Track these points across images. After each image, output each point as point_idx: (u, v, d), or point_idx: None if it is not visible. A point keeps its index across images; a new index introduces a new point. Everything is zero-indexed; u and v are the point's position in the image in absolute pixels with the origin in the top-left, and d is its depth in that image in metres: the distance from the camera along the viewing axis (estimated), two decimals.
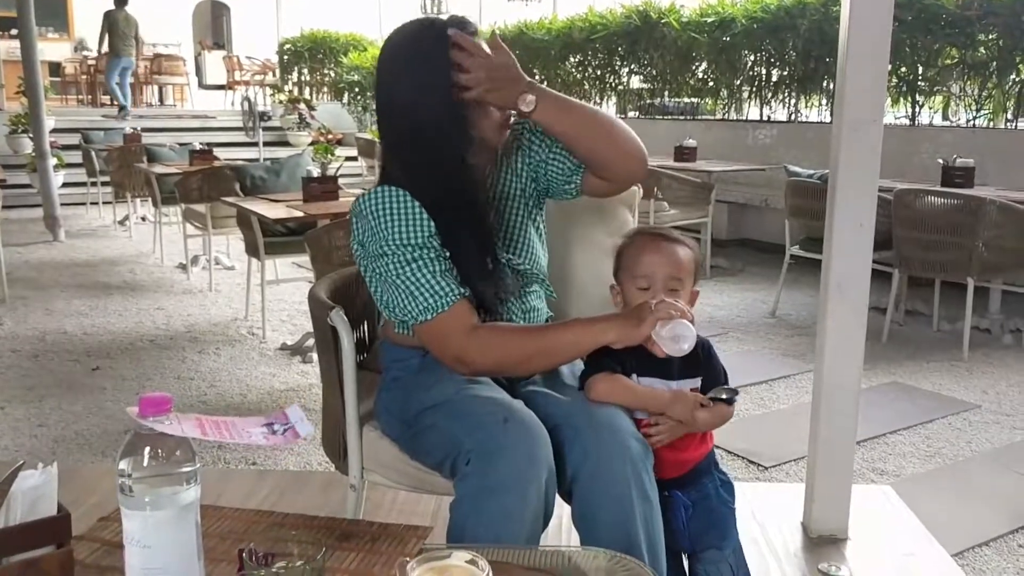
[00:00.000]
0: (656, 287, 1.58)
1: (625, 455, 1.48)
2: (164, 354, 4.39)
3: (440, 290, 1.55)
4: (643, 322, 1.48)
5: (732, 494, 1.69)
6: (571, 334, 1.56)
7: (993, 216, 4.28)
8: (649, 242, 1.63)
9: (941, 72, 6.56)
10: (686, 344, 1.46)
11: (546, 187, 1.77)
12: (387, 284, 1.58)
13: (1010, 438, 3.36)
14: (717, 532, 1.65)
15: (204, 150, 6.90)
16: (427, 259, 1.56)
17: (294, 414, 1.17)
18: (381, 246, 1.57)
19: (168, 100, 15.72)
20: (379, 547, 1.33)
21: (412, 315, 1.57)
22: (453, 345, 1.56)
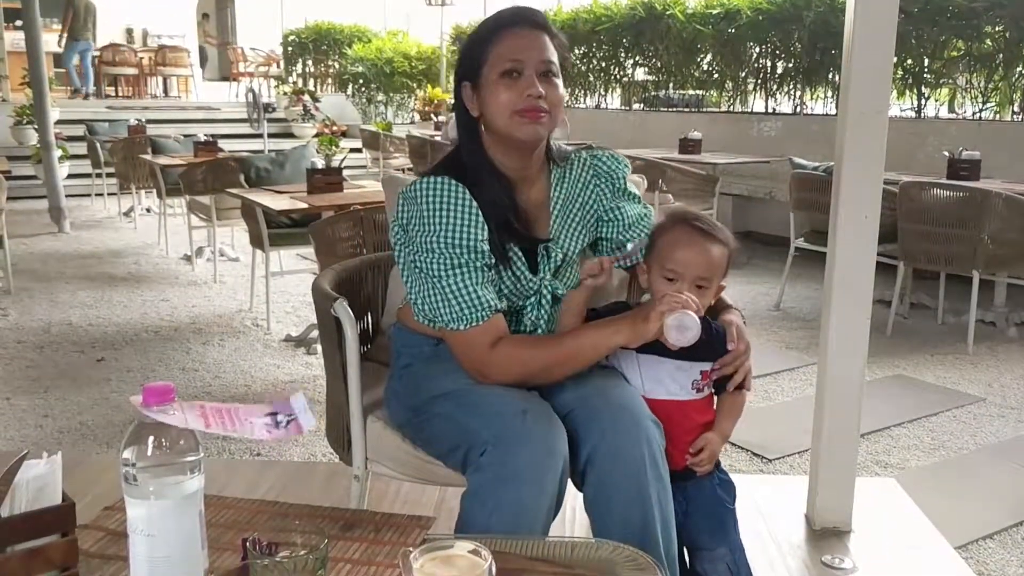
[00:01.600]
0: (683, 283, 1.57)
1: (641, 436, 1.49)
2: (169, 345, 4.40)
3: (478, 303, 1.54)
4: (650, 319, 1.48)
5: (732, 494, 1.68)
6: (586, 340, 1.55)
7: (999, 209, 4.26)
8: (686, 236, 1.60)
9: (947, 64, 6.53)
10: (690, 334, 1.46)
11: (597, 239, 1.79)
12: (425, 281, 1.57)
13: (1015, 431, 3.35)
14: (713, 532, 1.64)
15: (208, 142, 6.90)
16: (473, 266, 1.55)
17: (298, 403, 1.17)
18: (430, 241, 1.55)
19: (172, 92, 15.72)
20: (382, 537, 1.33)
21: (444, 320, 1.56)
22: (476, 358, 1.56)
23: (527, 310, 1.66)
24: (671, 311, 1.46)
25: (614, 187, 1.76)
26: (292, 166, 5.30)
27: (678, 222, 1.63)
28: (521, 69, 1.56)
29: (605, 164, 1.76)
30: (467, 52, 1.63)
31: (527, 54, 1.57)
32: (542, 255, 1.66)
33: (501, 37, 1.58)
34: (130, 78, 14.98)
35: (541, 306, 1.66)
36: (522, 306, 1.66)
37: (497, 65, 1.57)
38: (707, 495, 1.63)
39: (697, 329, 1.46)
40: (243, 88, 13.83)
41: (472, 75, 1.61)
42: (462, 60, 1.64)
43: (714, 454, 1.61)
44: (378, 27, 14.86)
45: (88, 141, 9.08)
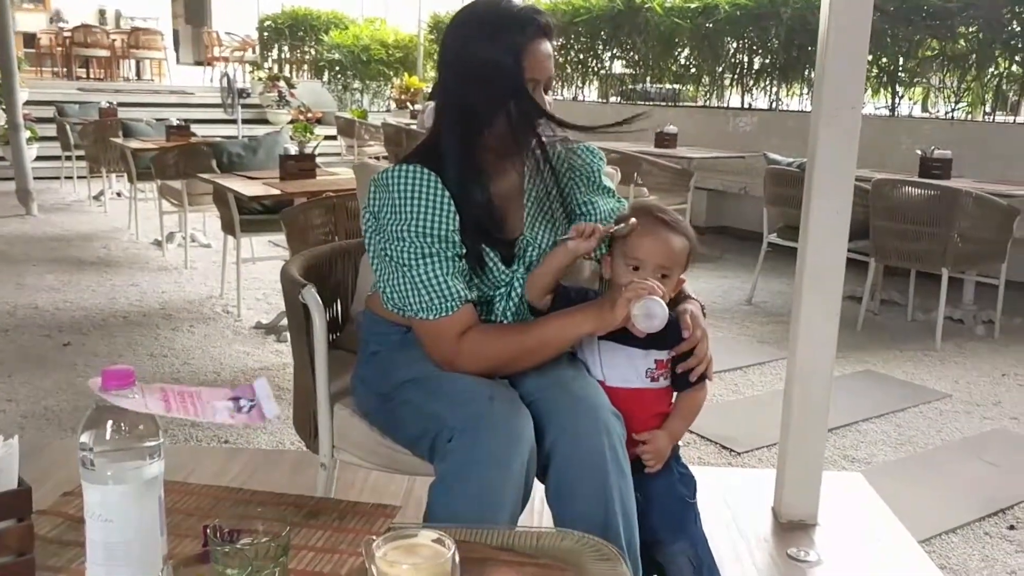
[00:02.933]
0: (645, 271, 1.57)
1: (602, 429, 1.49)
2: (137, 331, 4.35)
3: (448, 293, 1.53)
4: (617, 306, 1.48)
5: (692, 488, 1.67)
6: (554, 330, 1.55)
7: (969, 208, 4.31)
8: (649, 226, 1.60)
9: (921, 63, 6.59)
10: (656, 320, 1.46)
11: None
12: (395, 270, 1.55)
13: (979, 427, 3.40)
14: (673, 527, 1.63)
15: (181, 126, 6.82)
16: (444, 256, 1.53)
17: (261, 390, 1.15)
18: (401, 229, 1.53)
19: (146, 75, 15.53)
20: (347, 525, 1.32)
21: (413, 309, 1.55)
22: (445, 348, 1.55)
23: (496, 300, 1.65)
24: (637, 298, 1.46)
25: (589, 181, 1.75)
26: (265, 152, 5.25)
27: (641, 213, 1.63)
28: (535, 87, 1.56)
29: (581, 158, 1.75)
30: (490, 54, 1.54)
31: (545, 70, 1.57)
32: (519, 248, 1.65)
33: (528, 48, 1.55)
34: (102, 60, 14.79)
35: (511, 298, 1.65)
36: (492, 296, 1.65)
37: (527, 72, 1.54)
38: (666, 490, 1.62)
39: (664, 315, 1.46)
40: (218, 73, 13.70)
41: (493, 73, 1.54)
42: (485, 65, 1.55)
43: (660, 452, 1.59)
44: (355, 14, 14.75)
45: (58, 123, 8.95)
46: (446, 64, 1.62)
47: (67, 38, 14.33)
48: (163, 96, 12.67)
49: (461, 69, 1.58)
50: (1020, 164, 5.54)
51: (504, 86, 1.54)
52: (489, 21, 1.57)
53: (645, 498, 1.59)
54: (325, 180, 4.37)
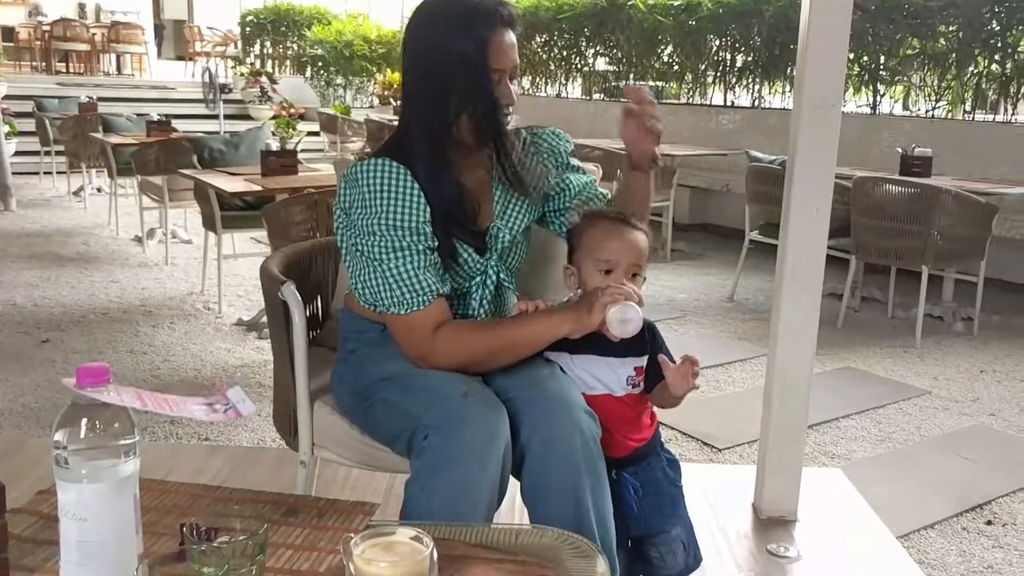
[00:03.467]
0: (619, 272, 1.58)
1: (575, 427, 1.49)
2: (117, 327, 4.32)
3: (419, 287, 1.53)
4: (594, 309, 1.48)
5: (678, 472, 1.70)
6: (530, 330, 1.55)
7: (948, 206, 4.34)
8: (613, 228, 1.61)
9: (902, 62, 6.62)
10: (632, 326, 1.47)
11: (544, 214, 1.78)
12: (367, 265, 1.55)
13: (958, 424, 3.42)
14: (667, 512, 1.66)
15: (162, 121, 6.77)
16: (415, 249, 1.53)
17: (235, 395, 1.14)
18: (371, 223, 1.53)
19: (126, 69, 15.40)
20: (325, 523, 1.32)
21: (385, 304, 1.55)
22: (418, 343, 1.55)
23: (473, 290, 1.65)
24: (614, 303, 1.46)
25: (557, 162, 1.77)
26: (247, 148, 5.23)
27: (599, 217, 1.64)
28: (500, 77, 1.57)
29: (547, 141, 1.76)
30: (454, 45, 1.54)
31: (509, 60, 1.57)
32: (490, 237, 1.66)
33: (491, 39, 1.55)
34: (82, 54, 14.64)
35: (486, 286, 1.66)
36: (468, 287, 1.65)
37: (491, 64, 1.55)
38: (656, 477, 1.65)
39: (639, 321, 1.46)
40: (199, 68, 13.61)
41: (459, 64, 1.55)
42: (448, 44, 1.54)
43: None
44: (338, 9, 14.68)
45: (37, 118, 8.86)
46: (411, 57, 1.61)
47: (46, 32, 14.18)
48: (144, 91, 12.56)
49: (426, 62, 1.58)
50: (999, 162, 5.58)
51: (470, 77, 1.54)
52: (453, 13, 1.57)
53: (643, 485, 1.61)
54: (307, 176, 4.35)
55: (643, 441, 1.64)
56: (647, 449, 1.65)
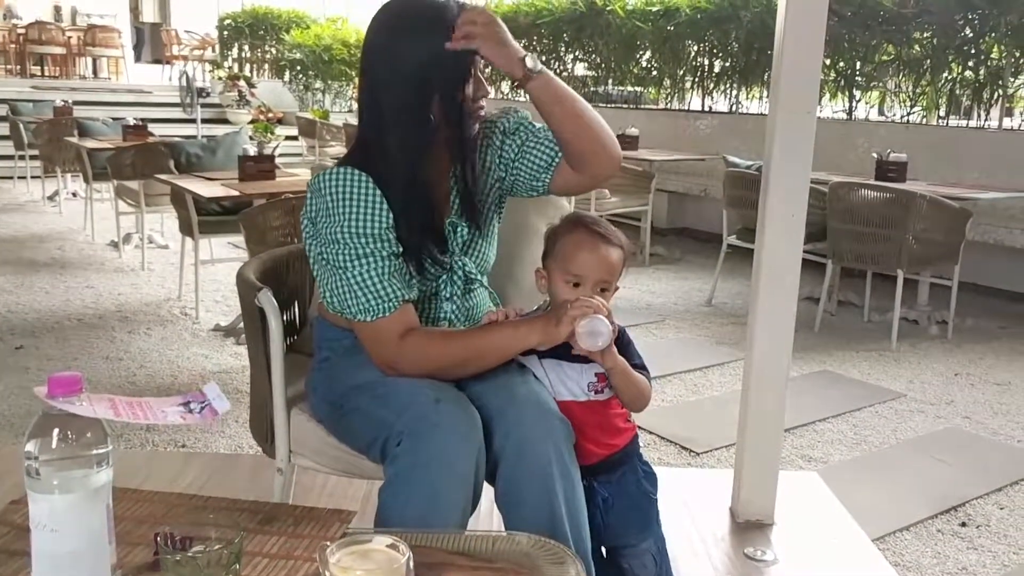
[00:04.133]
0: (586, 287, 1.57)
1: (548, 433, 1.50)
2: (92, 333, 4.28)
3: (384, 293, 1.53)
4: (562, 322, 1.48)
5: (655, 485, 1.69)
6: (499, 339, 1.55)
7: (923, 210, 4.38)
8: (587, 240, 1.59)
9: (878, 68, 6.69)
10: (601, 340, 1.47)
11: (512, 184, 1.73)
12: (332, 273, 1.55)
13: (932, 426, 3.45)
14: (638, 525, 1.65)
15: (138, 125, 6.72)
16: (379, 256, 1.53)
17: (211, 391, 1.14)
18: (335, 232, 1.53)
19: (103, 73, 15.28)
20: (302, 531, 1.31)
21: (352, 311, 1.55)
22: (385, 349, 1.55)
23: (442, 287, 1.65)
24: (583, 316, 1.46)
25: (514, 137, 1.71)
26: (224, 152, 5.20)
27: (576, 226, 1.62)
28: (476, 70, 1.58)
29: (497, 123, 1.72)
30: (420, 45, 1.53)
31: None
32: (449, 232, 1.65)
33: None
34: (57, 57, 14.51)
35: (454, 283, 1.66)
36: (436, 287, 1.65)
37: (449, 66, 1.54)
38: (632, 488, 1.64)
39: (608, 335, 1.47)
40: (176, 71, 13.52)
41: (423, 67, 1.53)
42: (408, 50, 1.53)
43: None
44: (317, 13, 14.63)
45: (11, 121, 8.78)
46: (369, 64, 1.59)
47: (21, 35, 14.04)
48: (120, 95, 12.46)
49: (393, 69, 1.55)
50: (973, 167, 5.65)
51: (445, 81, 1.54)
52: (415, 19, 1.55)
53: (613, 499, 1.61)
54: (285, 181, 4.33)
55: (614, 449, 1.63)
56: (620, 458, 1.64)
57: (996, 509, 2.76)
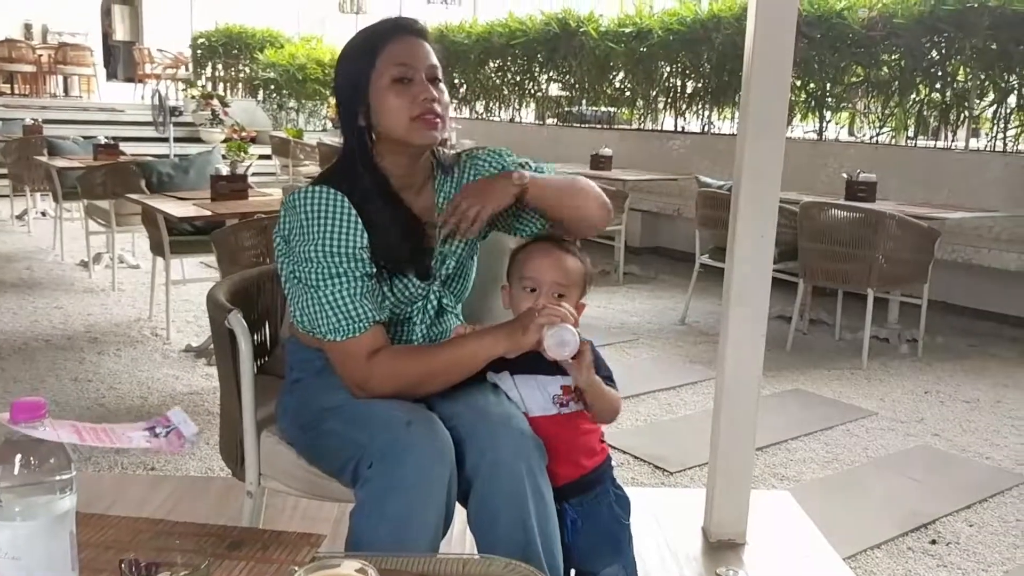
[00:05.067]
0: (541, 291, 1.59)
1: (521, 453, 1.49)
2: (61, 355, 4.22)
3: (355, 313, 1.53)
4: (529, 329, 1.49)
5: (627, 509, 1.68)
6: (466, 350, 1.55)
7: (892, 230, 4.43)
8: (540, 247, 1.65)
9: (847, 89, 6.78)
10: (567, 349, 1.47)
11: (506, 227, 1.79)
12: (304, 291, 1.55)
13: (904, 444, 3.48)
14: (608, 550, 1.63)
15: (109, 144, 6.66)
16: (352, 276, 1.53)
17: (176, 416, 1.13)
18: (309, 250, 1.53)
19: (74, 91, 15.17)
20: (270, 555, 1.29)
21: (322, 331, 1.54)
22: (355, 369, 1.55)
23: (414, 314, 1.65)
24: (550, 324, 1.47)
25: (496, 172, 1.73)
26: (197, 172, 5.17)
27: (536, 239, 1.68)
28: (411, 75, 1.58)
29: (484, 160, 1.76)
30: (351, 67, 1.61)
31: (415, 60, 1.59)
32: (436, 263, 1.66)
33: (385, 45, 1.59)
34: (27, 75, 14.38)
35: (427, 311, 1.67)
36: (409, 313, 1.65)
37: (386, 72, 1.57)
38: (603, 512, 1.63)
39: (576, 342, 1.47)
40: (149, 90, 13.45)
41: (361, 91, 1.59)
42: (347, 77, 1.61)
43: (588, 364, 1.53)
44: (291, 32, 14.63)
45: None
46: (336, 89, 1.66)
47: None
48: (92, 113, 12.38)
49: (341, 91, 1.63)
50: (941, 187, 5.73)
51: (374, 91, 1.59)
52: (360, 39, 1.63)
53: (583, 521, 1.60)
54: (257, 201, 4.31)
55: (585, 470, 1.62)
56: (592, 480, 1.63)
57: (965, 526, 2.78)
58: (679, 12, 7.85)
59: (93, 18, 16.64)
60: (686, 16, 7.67)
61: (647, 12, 8.30)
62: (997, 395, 4.11)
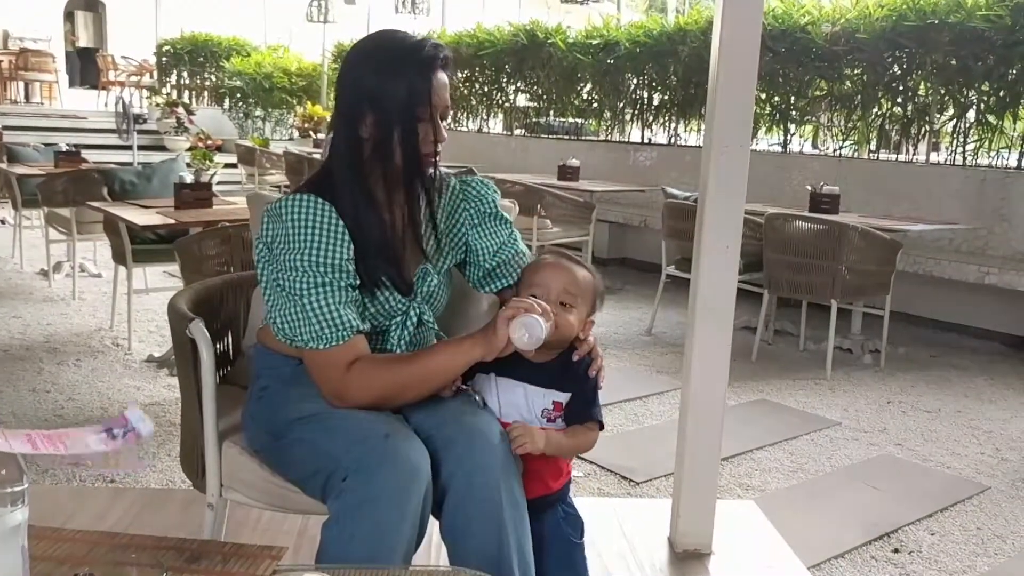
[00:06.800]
0: (549, 298, 1.57)
1: (496, 463, 1.49)
2: (19, 365, 4.14)
3: (339, 322, 1.51)
4: (498, 328, 1.48)
5: (578, 528, 1.66)
6: (443, 357, 1.55)
7: (855, 241, 4.49)
8: (550, 260, 1.65)
9: (811, 103, 6.86)
10: (527, 336, 1.46)
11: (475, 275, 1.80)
12: (287, 299, 1.53)
13: (867, 454, 3.51)
14: (558, 567, 1.62)
15: (71, 152, 6.58)
16: (336, 286, 1.52)
17: (133, 415, 1.11)
18: (294, 259, 1.52)
19: (35, 98, 14.95)
20: (231, 569, 1.27)
21: (303, 339, 1.52)
22: (333, 378, 1.53)
23: (392, 329, 1.64)
24: (515, 316, 1.46)
25: (481, 210, 1.78)
26: (160, 180, 5.11)
27: (543, 255, 1.68)
28: (439, 114, 1.59)
29: (474, 189, 1.78)
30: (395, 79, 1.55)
31: (444, 100, 1.59)
32: (419, 277, 1.65)
33: (436, 71, 1.58)
34: None
35: (406, 327, 1.65)
36: (387, 327, 1.64)
37: (429, 105, 1.56)
38: (553, 529, 1.62)
39: (542, 330, 1.46)
40: (112, 97, 13.30)
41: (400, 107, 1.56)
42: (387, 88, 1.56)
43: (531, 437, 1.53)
44: (258, 41, 14.55)
45: None
46: (343, 95, 1.62)
47: None
48: (53, 120, 12.20)
49: (358, 97, 1.58)
50: (902, 200, 5.82)
51: (403, 115, 1.56)
52: (389, 53, 1.58)
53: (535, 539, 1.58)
54: (221, 210, 4.27)
55: (549, 490, 1.61)
56: (552, 500, 1.62)
57: (927, 535, 2.81)
58: (646, 25, 7.91)
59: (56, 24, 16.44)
60: (653, 29, 7.73)
61: (614, 25, 8.35)
62: (958, 405, 4.17)
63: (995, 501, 3.10)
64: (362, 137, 1.59)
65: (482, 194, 1.78)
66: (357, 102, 1.58)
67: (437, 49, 1.59)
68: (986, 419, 3.98)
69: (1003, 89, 5.67)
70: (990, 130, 5.81)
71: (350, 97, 1.60)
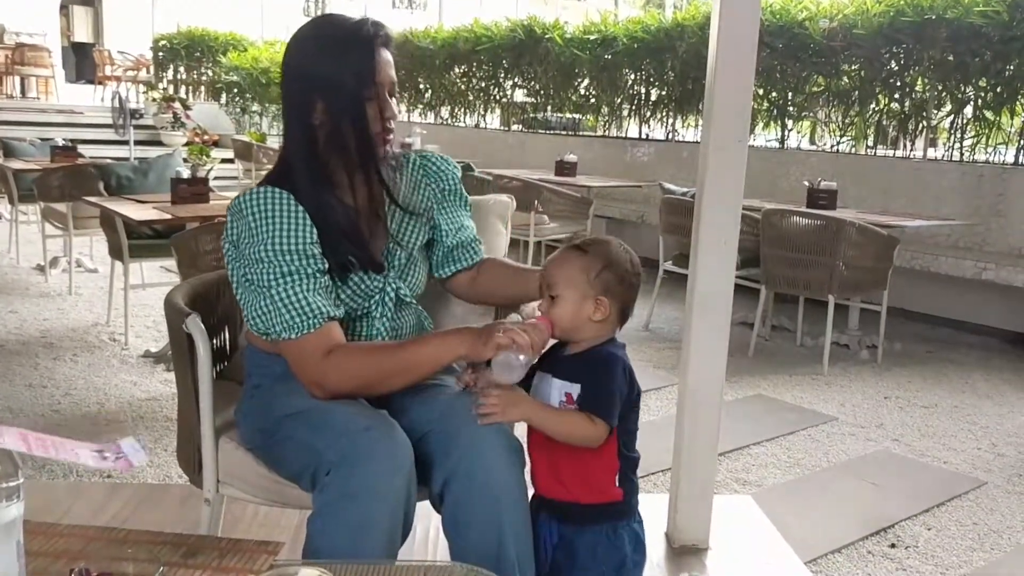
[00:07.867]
0: (545, 296, 1.57)
1: (499, 458, 1.48)
2: (15, 360, 4.14)
3: (309, 310, 1.51)
4: (488, 345, 1.45)
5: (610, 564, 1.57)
6: (427, 350, 1.54)
7: (852, 237, 4.49)
8: (555, 253, 1.60)
9: (809, 99, 6.86)
10: (506, 375, 1.45)
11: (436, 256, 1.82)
12: (257, 293, 1.53)
13: (863, 449, 3.52)
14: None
15: (67, 147, 6.56)
16: (304, 273, 1.52)
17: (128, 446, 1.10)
18: (259, 251, 1.52)
19: (31, 93, 14.92)
20: (227, 564, 1.27)
21: (276, 330, 1.52)
22: (311, 367, 1.53)
23: (373, 308, 1.65)
24: (505, 348, 1.44)
25: (443, 187, 1.80)
26: (157, 175, 5.10)
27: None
28: (386, 92, 1.59)
29: (435, 164, 1.80)
30: (337, 64, 1.56)
31: (389, 78, 1.60)
32: (386, 254, 1.66)
33: (377, 50, 1.58)
34: None
35: (385, 304, 1.66)
36: (368, 308, 1.64)
37: (375, 84, 1.57)
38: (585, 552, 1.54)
39: (520, 372, 1.45)
40: (109, 92, 13.27)
41: (340, 87, 1.56)
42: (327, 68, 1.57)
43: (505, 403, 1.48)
44: (255, 36, 14.52)
45: None
46: (288, 82, 1.63)
47: None
48: (50, 115, 12.17)
49: (305, 85, 1.59)
50: (899, 195, 5.82)
51: (351, 98, 1.56)
52: (331, 38, 1.59)
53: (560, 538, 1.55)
54: (218, 204, 4.26)
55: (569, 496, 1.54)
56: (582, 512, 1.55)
57: (924, 530, 2.82)
58: (644, 21, 7.89)
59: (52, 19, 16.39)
60: (651, 25, 7.72)
61: (612, 20, 8.34)
62: (955, 400, 4.17)
63: (992, 496, 3.10)
64: (314, 125, 1.59)
65: (443, 170, 1.81)
66: (305, 91, 1.59)
67: (377, 27, 1.60)
68: (983, 414, 3.99)
69: (1000, 85, 5.67)
70: (987, 126, 5.81)
71: (297, 86, 1.61)
